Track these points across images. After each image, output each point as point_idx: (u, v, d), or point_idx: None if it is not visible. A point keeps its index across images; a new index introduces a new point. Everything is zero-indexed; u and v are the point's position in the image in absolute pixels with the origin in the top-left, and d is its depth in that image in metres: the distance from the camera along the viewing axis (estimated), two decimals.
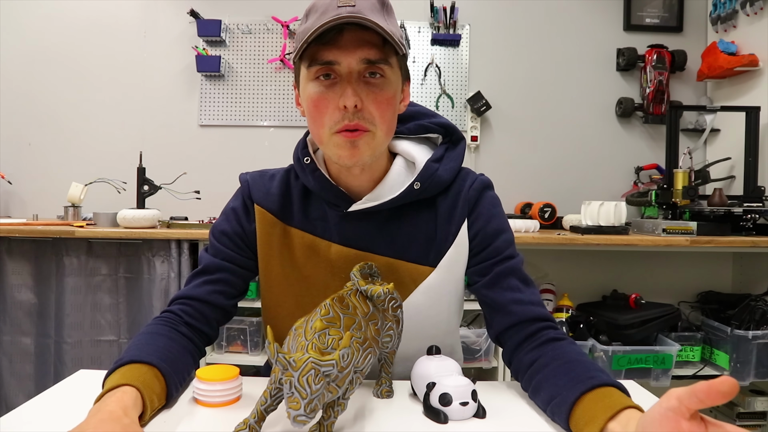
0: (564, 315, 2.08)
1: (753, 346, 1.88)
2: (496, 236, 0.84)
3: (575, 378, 0.66)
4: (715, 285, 2.35)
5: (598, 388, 0.63)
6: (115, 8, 2.48)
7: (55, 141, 2.48)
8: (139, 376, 0.66)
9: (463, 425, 0.68)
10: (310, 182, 0.84)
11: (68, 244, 1.91)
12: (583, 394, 0.63)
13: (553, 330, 0.78)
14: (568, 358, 0.71)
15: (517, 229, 1.99)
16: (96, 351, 1.94)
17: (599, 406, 0.60)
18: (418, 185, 0.82)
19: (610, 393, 0.62)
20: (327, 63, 0.72)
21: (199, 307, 0.84)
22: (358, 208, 0.82)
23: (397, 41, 0.72)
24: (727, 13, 2.36)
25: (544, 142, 2.54)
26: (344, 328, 0.63)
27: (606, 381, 0.64)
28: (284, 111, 2.50)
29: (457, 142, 0.90)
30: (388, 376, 0.78)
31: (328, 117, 0.75)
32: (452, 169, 0.85)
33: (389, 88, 0.76)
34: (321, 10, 0.71)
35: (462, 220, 0.84)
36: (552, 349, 0.74)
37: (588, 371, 0.67)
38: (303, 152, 0.86)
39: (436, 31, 2.49)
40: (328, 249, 0.85)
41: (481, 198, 0.86)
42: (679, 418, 0.48)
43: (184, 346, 0.79)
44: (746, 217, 1.97)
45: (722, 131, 2.44)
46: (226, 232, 0.88)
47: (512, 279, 0.82)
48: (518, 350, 0.79)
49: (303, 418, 0.52)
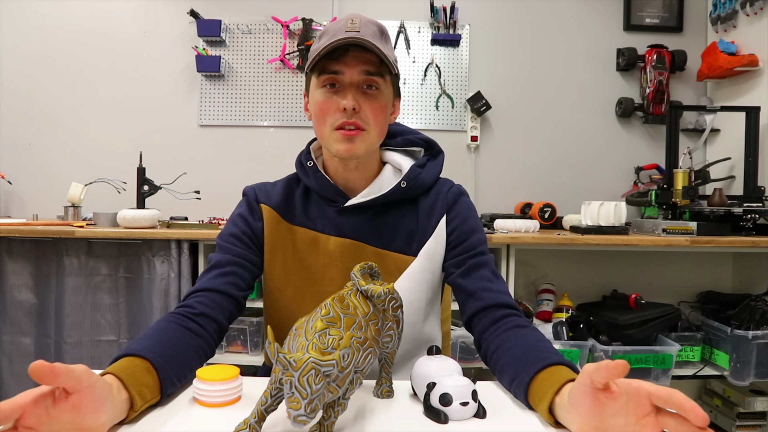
0: (564, 315, 2.08)
1: (753, 346, 1.88)
2: (471, 234, 0.97)
3: (531, 359, 0.73)
4: (715, 285, 2.36)
5: (549, 367, 0.70)
6: (115, 8, 2.48)
7: (55, 141, 2.48)
8: (127, 367, 0.68)
9: (464, 425, 0.68)
10: (312, 182, 0.97)
11: (68, 244, 1.91)
12: (536, 374, 0.70)
13: (518, 317, 0.88)
14: (528, 343, 0.79)
15: (517, 229, 1.99)
16: (96, 351, 1.94)
17: (548, 383, 0.68)
18: (404, 184, 0.97)
19: (558, 370, 0.70)
20: (333, 73, 0.89)
21: (214, 297, 0.89)
22: (353, 203, 0.96)
23: (391, 62, 0.89)
24: (727, 13, 2.36)
25: (544, 142, 2.54)
26: (345, 328, 0.63)
27: (556, 360, 0.72)
28: (284, 111, 2.50)
29: (437, 154, 1.05)
30: (388, 376, 0.78)
31: (330, 116, 0.90)
32: (433, 175, 1.01)
33: (382, 98, 0.92)
34: (332, 33, 0.88)
35: (440, 217, 0.98)
36: (515, 335, 0.83)
37: (542, 353, 0.74)
38: (306, 157, 1.00)
39: (436, 31, 2.49)
40: (327, 241, 0.97)
41: (459, 201, 1.00)
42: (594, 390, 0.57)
43: (188, 343, 0.80)
44: (746, 217, 1.97)
45: (722, 131, 2.44)
46: (234, 234, 0.97)
47: (484, 270, 0.94)
48: (486, 335, 0.87)
49: (303, 418, 0.52)
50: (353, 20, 0.88)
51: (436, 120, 2.51)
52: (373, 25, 0.90)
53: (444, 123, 2.52)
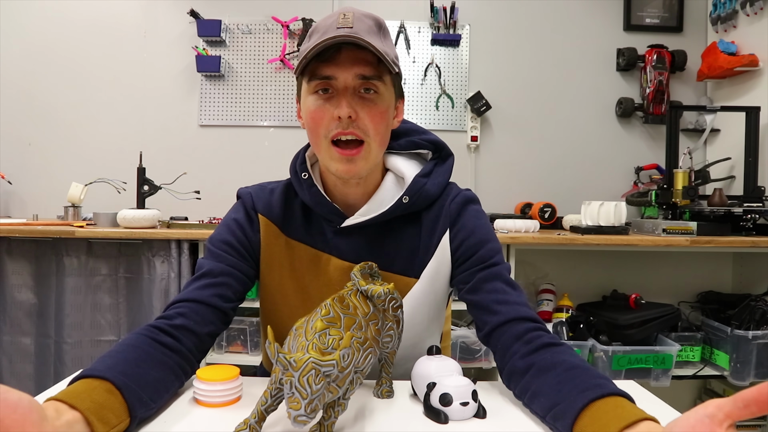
0: (564, 315, 2.08)
1: (753, 346, 1.88)
2: (480, 246, 0.86)
3: (581, 385, 0.63)
4: (715, 285, 2.35)
5: (608, 397, 0.60)
6: (115, 8, 2.48)
7: (55, 141, 2.48)
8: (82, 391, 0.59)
9: (464, 425, 0.68)
10: (307, 198, 0.88)
11: (68, 244, 1.91)
12: (591, 402, 0.60)
13: (546, 334, 0.76)
14: (571, 365, 0.68)
15: (517, 229, 1.99)
16: (96, 351, 1.93)
17: (611, 416, 0.57)
18: (406, 199, 0.86)
19: (622, 403, 0.59)
20: (325, 78, 0.78)
21: (198, 309, 0.80)
22: (350, 224, 0.86)
23: (390, 61, 0.78)
24: (727, 13, 2.36)
25: (544, 142, 2.54)
26: (345, 328, 0.63)
27: (616, 390, 0.61)
28: (284, 111, 2.50)
29: (446, 158, 0.94)
30: (388, 377, 0.78)
31: (324, 127, 0.80)
32: (440, 184, 0.90)
33: (382, 103, 0.81)
34: (322, 31, 0.77)
35: (443, 233, 0.88)
36: (551, 354, 0.71)
37: (595, 378, 0.64)
38: (301, 167, 0.90)
39: (436, 31, 2.49)
40: (328, 262, 0.89)
41: (463, 212, 0.89)
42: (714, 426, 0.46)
43: (159, 360, 0.71)
44: (746, 217, 1.97)
45: (722, 131, 2.44)
46: (229, 242, 0.88)
47: (496, 282, 0.83)
48: (510, 354, 0.76)
49: (303, 418, 0.52)
50: (345, 15, 0.77)
51: (436, 120, 2.51)
52: (369, 19, 0.79)
53: (444, 123, 2.52)
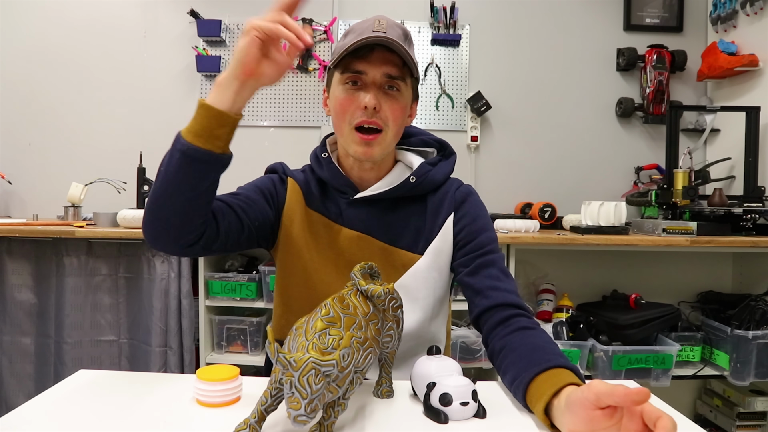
0: (564, 315, 2.08)
1: (753, 346, 1.88)
2: (480, 233, 0.97)
3: (534, 361, 0.73)
4: (715, 285, 2.35)
5: (551, 369, 0.70)
6: (115, 8, 2.48)
7: (55, 141, 2.48)
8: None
9: (464, 425, 0.68)
10: (325, 173, 1.00)
11: (68, 244, 1.91)
12: (537, 375, 0.70)
13: (526, 318, 0.87)
14: (533, 345, 0.79)
15: (517, 229, 1.99)
16: (96, 351, 1.94)
17: (547, 384, 0.67)
18: (413, 179, 0.98)
19: (558, 373, 0.69)
20: (357, 72, 0.91)
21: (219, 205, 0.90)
22: (362, 196, 0.97)
23: (413, 65, 0.92)
24: (727, 13, 2.36)
25: (544, 142, 2.54)
26: (345, 328, 0.63)
27: (559, 363, 0.71)
28: (284, 111, 2.50)
29: (449, 155, 1.07)
30: (388, 376, 0.78)
31: (350, 114, 0.92)
32: (444, 173, 1.02)
33: (402, 100, 0.94)
34: (359, 32, 0.90)
35: (448, 215, 0.98)
36: (521, 336, 0.82)
37: (546, 355, 0.74)
38: (321, 149, 1.03)
39: (436, 31, 2.49)
40: (339, 231, 0.98)
41: (467, 200, 1.01)
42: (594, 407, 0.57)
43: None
44: (746, 217, 1.97)
45: (722, 131, 2.44)
46: (259, 186, 0.99)
47: (492, 269, 0.93)
48: (492, 335, 0.87)
49: (303, 418, 0.52)
50: (380, 21, 0.90)
51: (436, 120, 2.51)
52: (399, 28, 0.92)
53: (444, 123, 2.52)
